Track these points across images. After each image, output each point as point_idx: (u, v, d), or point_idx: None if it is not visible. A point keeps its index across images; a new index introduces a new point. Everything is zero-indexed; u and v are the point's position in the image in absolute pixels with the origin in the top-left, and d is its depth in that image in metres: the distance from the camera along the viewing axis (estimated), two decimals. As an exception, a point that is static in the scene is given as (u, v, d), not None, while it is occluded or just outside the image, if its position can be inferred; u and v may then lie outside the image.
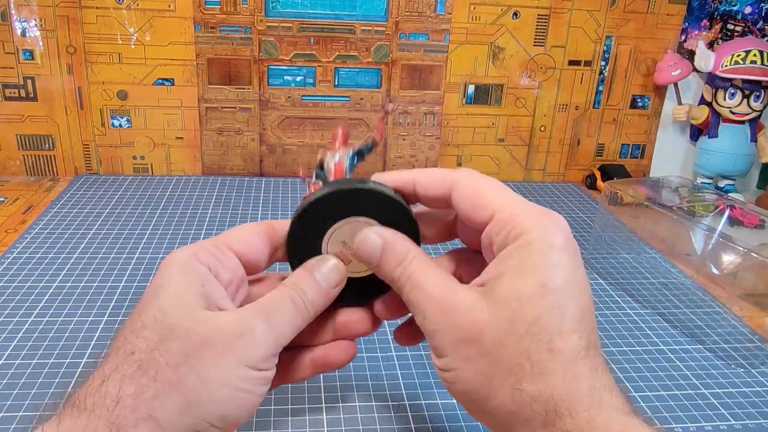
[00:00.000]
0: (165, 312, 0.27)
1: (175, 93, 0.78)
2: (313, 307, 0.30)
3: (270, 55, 0.78)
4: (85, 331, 0.46)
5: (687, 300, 0.56)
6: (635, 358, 0.47)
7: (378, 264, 0.30)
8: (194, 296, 0.28)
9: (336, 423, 0.38)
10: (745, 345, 0.50)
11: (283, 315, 0.29)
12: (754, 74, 0.77)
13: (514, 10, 0.81)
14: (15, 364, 0.42)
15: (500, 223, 0.28)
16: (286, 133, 0.82)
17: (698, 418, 0.41)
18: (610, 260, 0.61)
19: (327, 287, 0.31)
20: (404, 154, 0.85)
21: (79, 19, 0.74)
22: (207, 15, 0.75)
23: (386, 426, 0.38)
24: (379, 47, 0.80)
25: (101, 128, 0.79)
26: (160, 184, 0.78)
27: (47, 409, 0.38)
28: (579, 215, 0.76)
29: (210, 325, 0.27)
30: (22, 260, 0.56)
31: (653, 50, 0.85)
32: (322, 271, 0.31)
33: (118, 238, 0.62)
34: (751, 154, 0.82)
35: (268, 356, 0.28)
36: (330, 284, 0.31)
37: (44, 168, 0.79)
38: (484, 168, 0.87)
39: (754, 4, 0.83)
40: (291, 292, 0.30)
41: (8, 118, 0.76)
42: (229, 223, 0.67)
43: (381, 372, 0.43)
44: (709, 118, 0.82)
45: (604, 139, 0.89)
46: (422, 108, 0.83)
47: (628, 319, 0.53)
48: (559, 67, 0.84)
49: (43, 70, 0.75)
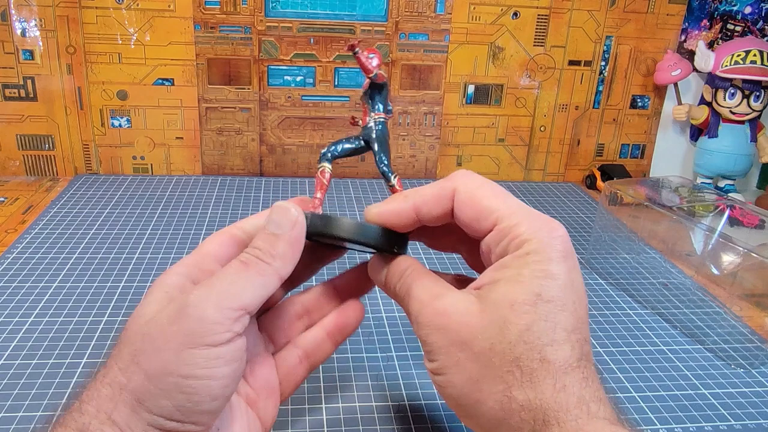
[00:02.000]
0: (127, 328, 0.27)
1: (175, 93, 0.78)
2: (274, 258, 0.28)
3: (270, 55, 0.78)
4: (85, 331, 0.46)
5: (687, 300, 0.56)
6: (635, 358, 0.47)
7: (383, 283, 0.32)
8: (159, 304, 0.28)
9: (336, 423, 0.38)
10: (745, 345, 0.50)
11: (228, 276, 0.27)
12: (754, 74, 0.77)
13: (514, 10, 0.81)
14: (15, 364, 0.42)
15: (500, 232, 0.28)
16: (286, 133, 0.82)
17: (698, 418, 0.41)
18: (610, 260, 0.61)
19: (280, 232, 0.29)
20: (404, 154, 0.85)
21: (79, 19, 0.74)
22: (207, 15, 0.75)
23: (386, 426, 0.38)
24: (379, 47, 0.80)
25: (101, 128, 0.79)
26: (160, 184, 0.78)
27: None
28: (579, 215, 0.76)
29: (153, 320, 0.27)
30: (22, 260, 0.56)
31: (653, 50, 0.85)
32: (272, 218, 0.29)
33: (118, 238, 0.62)
34: (751, 154, 0.82)
35: (213, 329, 0.26)
36: (282, 228, 0.29)
37: (44, 168, 0.79)
38: (484, 168, 0.87)
39: (754, 4, 0.83)
40: (242, 254, 0.29)
41: (8, 118, 0.76)
42: (229, 223, 0.67)
43: (381, 372, 0.43)
44: (709, 118, 0.82)
45: (604, 139, 0.89)
46: (422, 108, 0.83)
47: (628, 319, 0.53)
48: (559, 67, 0.84)
49: (43, 70, 0.75)
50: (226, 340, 0.26)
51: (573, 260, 0.28)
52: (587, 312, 0.28)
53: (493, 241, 0.28)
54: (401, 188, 0.34)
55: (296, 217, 0.29)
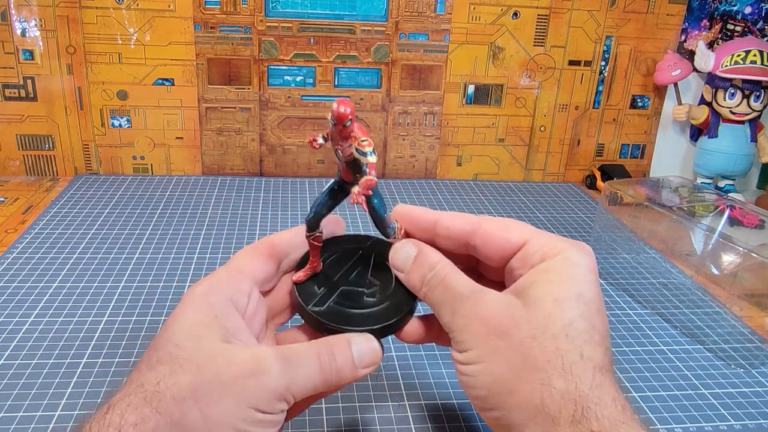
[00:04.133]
0: (180, 346, 0.27)
1: (175, 93, 0.78)
2: (338, 374, 0.29)
3: (270, 55, 0.78)
4: (85, 331, 0.46)
5: (687, 300, 0.56)
6: (635, 358, 0.47)
7: (409, 270, 0.32)
8: (209, 328, 0.28)
9: (336, 423, 0.38)
10: (745, 345, 0.50)
11: (304, 366, 0.28)
12: (754, 74, 0.77)
13: (514, 10, 0.81)
14: (15, 364, 0.42)
15: (536, 245, 0.30)
16: (286, 133, 0.82)
17: (698, 418, 0.41)
18: (610, 260, 0.61)
19: (358, 363, 0.30)
20: (404, 154, 0.85)
21: (79, 19, 0.74)
22: (207, 15, 0.75)
23: (386, 426, 0.38)
24: (379, 47, 0.80)
25: (101, 128, 0.79)
26: (160, 184, 0.78)
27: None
28: (579, 215, 0.76)
29: (223, 360, 0.27)
30: (22, 260, 0.56)
31: (653, 50, 0.85)
32: (361, 346, 0.31)
33: (118, 238, 0.62)
34: (751, 154, 0.82)
35: (276, 401, 0.27)
36: (362, 362, 0.30)
37: (44, 168, 0.79)
38: (485, 168, 0.87)
39: (754, 4, 0.83)
40: (320, 349, 0.29)
41: (8, 118, 0.76)
42: (229, 223, 0.67)
43: (381, 372, 0.43)
44: (709, 118, 0.82)
45: (604, 139, 0.89)
46: (422, 108, 0.83)
47: (628, 319, 0.53)
48: (559, 67, 0.84)
49: (43, 70, 0.75)
50: (278, 412, 0.28)
51: (597, 277, 0.30)
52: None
53: (529, 253, 0.30)
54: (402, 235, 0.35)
55: (375, 365, 0.31)
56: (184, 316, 0.29)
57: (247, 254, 0.33)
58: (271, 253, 0.33)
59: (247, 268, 0.32)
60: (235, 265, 0.32)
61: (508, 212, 0.75)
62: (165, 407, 0.25)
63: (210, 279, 0.31)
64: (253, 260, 0.32)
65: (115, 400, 0.26)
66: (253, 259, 0.33)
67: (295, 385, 0.28)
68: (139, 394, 0.26)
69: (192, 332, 0.28)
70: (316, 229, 0.33)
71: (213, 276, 0.31)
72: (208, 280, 0.31)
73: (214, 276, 0.31)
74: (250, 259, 0.32)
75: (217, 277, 0.31)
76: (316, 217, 0.33)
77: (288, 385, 0.27)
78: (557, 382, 0.26)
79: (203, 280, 0.31)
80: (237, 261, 0.32)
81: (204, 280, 0.31)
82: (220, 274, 0.31)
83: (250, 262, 0.32)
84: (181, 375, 0.26)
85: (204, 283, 0.30)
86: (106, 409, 0.26)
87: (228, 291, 0.30)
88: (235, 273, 0.31)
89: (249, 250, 0.33)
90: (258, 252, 0.33)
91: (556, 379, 0.26)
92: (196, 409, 0.26)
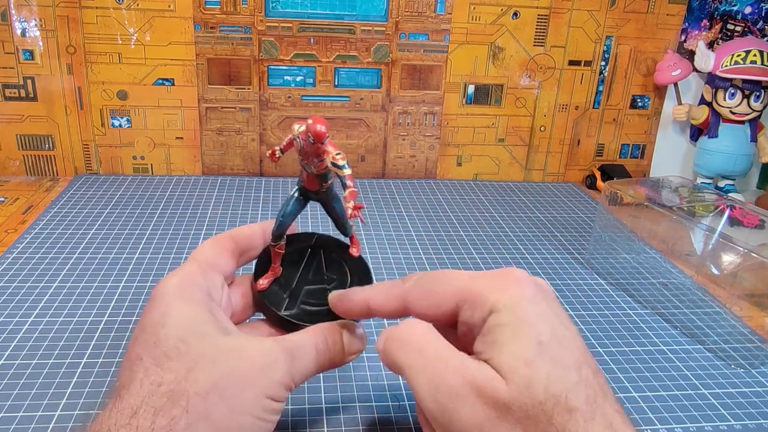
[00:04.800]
0: (188, 343, 0.28)
1: (175, 93, 0.78)
2: (331, 362, 0.33)
3: (270, 55, 0.78)
4: (85, 331, 0.46)
5: (687, 300, 0.56)
6: (635, 358, 0.47)
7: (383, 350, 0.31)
8: (208, 324, 0.29)
9: (336, 423, 0.38)
10: (745, 345, 0.50)
11: (305, 358, 0.31)
12: (754, 74, 0.77)
13: (514, 10, 0.81)
14: (15, 364, 0.42)
15: (467, 305, 0.28)
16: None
17: (698, 418, 0.41)
18: (610, 260, 0.61)
19: (348, 350, 0.33)
20: (404, 154, 0.85)
21: (79, 19, 0.74)
22: (207, 15, 0.75)
23: (386, 426, 0.38)
24: (379, 47, 0.80)
25: (101, 128, 0.79)
26: (160, 184, 0.78)
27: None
28: (579, 215, 0.76)
29: (235, 355, 0.29)
30: (22, 260, 0.56)
31: (653, 50, 0.85)
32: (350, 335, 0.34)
33: (118, 238, 0.62)
34: (751, 154, 0.82)
35: (285, 390, 0.30)
36: (351, 350, 0.34)
37: (44, 168, 0.79)
38: (485, 168, 0.88)
39: (754, 4, 0.83)
40: (317, 340, 0.32)
41: (8, 118, 0.76)
42: (229, 223, 0.67)
43: (381, 372, 0.43)
44: (709, 118, 0.82)
45: (604, 139, 0.89)
46: (422, 108, 0.83)
47: (628, 319, 0.53)
48: (559, 67, 0.84)
49: (43, 70, 0.75)
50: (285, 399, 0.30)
51: (544, 292, 0.28)
52: (582, 339, 0.28)
53: (465, 317, 0.29)
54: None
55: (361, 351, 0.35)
56: (176, 310, 0.29)
57: (213, 248, 0.33)
58: (233, 249, 0.34)
59: (217, 261, 0.33)
60: (204, 258, 0.32)
61: (508, 212, 0.75)
62: (192, 405, 0.26)
63: (182, 273, 0.31)
64: (221, 255, 0.33)
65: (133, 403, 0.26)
66: (221, 253, 0.33)
67: (297, 374, 0.31)
68: (162, 396, 0.26)
69: (194, 327, 0.28)
70: (281, 239, 0.35)
71: (184, 270, 0.31)
72: (181, 273, 0.31)
73: (185, 270, 0.31)
74: (219, 253, 0.33)
75: (189, 271, 0.31)
76: (281, 228, 0.34)
77: (292, 375, 0.30)
78: None
79: (174, 273, 0.31)
80: (204, 254, 0.33)
81: (175, 273, 0.31)
82: (192, 268, 0.31)
83: (219, 257, 0.33)
84: (198, 372, 0.27)
85: (176, 276, 0.31)
86: (129, 413, 0.25)
87: (205, 285, 0.31)
88: (207, 267, 0.32)
89: (213, 244, 0.34)
90: (222, 247, 0.34)
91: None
92: (221, 402, 0.27)
